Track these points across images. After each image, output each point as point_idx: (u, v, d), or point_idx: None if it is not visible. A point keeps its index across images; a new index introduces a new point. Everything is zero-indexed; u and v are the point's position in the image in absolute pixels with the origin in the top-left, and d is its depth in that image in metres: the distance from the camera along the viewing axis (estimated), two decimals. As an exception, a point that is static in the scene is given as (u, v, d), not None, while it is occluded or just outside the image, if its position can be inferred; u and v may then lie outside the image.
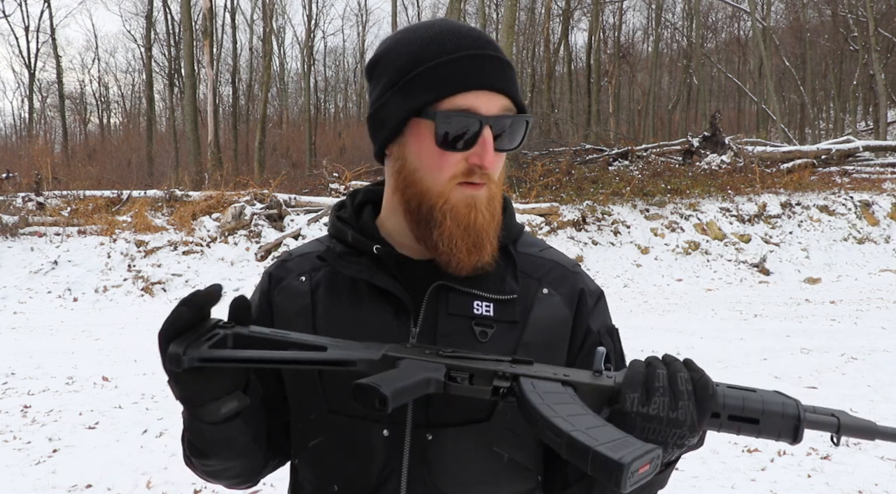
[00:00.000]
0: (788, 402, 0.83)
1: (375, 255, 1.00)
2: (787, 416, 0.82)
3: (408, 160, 0.97)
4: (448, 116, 0.92)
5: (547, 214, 14.50)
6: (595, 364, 0.86)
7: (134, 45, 40.70)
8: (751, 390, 0.85)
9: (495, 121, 0.93)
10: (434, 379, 0.85)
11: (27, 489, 3.88)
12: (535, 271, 1.04)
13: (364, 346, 0.90)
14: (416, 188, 0.96)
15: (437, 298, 0.99)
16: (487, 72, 0.94)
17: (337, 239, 1.05)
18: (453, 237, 0.94)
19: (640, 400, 0.82)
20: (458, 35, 0.96)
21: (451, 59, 0.94)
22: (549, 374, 0.85)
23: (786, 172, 17.22)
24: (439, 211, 0.95)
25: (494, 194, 0.97)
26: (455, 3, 18.78)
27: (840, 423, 0.83)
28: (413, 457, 0.95)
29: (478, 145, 0.92)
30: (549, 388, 0.83)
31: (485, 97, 0.93)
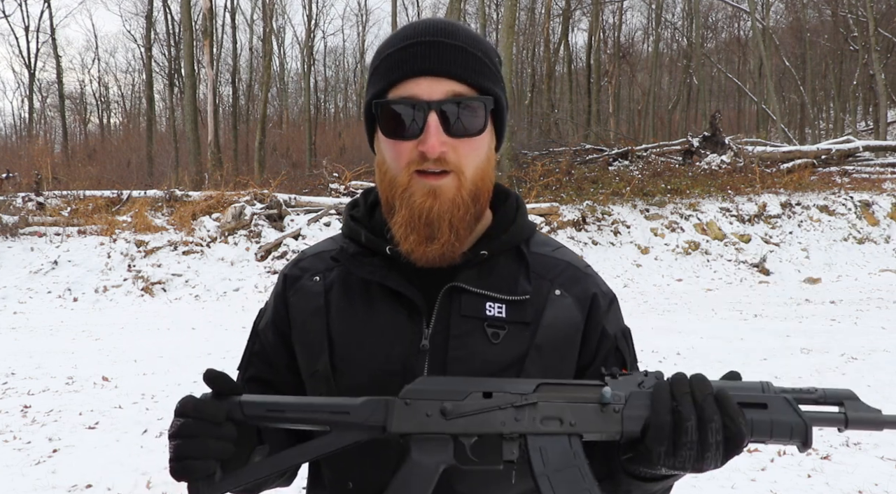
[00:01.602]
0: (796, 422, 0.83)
1: (388, 256, 1.00)
2: (795, 436, 0.83)
3: (380, 153, 0.99)
4: (389, 106, 0.93)
5: (547, 214, 14.50)
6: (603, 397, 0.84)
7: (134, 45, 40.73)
8: (761, 405, 0.83)
9: (441, 105, 0.91)
10: (441, 466, 0.85)
11: (27, 489, 3.88)
12: (548, 272, 1.04)
13: (364, 411, 0.87)
14: (386, 180, 0.97)
15: (450, 299, 0.98)
16: (428, 58, 0.92)
17: (350, 239, 1.05)
18: (404, 225, 0.94)
19: (666, 453, 0.81)
20: (414, 26, 0.96)
21: (397, 49, 0.94)
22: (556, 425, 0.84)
23: (786, 172, 17.21)
24: (398, 199, 0.95)
25: (465, 184, 0.94)
26: (455, 3, 18.78)
27: (847, 420, 0.83)
28: None
29: (423, 132, 0.91)
30: (556, 451, 0.83)
31: (427, 83, 0.92)
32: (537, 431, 0.84)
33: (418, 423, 0.84)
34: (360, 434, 0.86)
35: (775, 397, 0.84)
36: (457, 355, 0.96)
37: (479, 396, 0.85)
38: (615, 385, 0.85)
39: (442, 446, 0.84)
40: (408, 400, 0.85)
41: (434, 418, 0.84)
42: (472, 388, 0.86)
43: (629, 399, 0.84)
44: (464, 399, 0.85)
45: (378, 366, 0.97)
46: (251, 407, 0.87)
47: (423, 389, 0.86)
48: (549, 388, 0.86)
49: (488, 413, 0.84)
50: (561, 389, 0.86)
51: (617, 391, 0.85)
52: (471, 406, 0.84)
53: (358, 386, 0.98)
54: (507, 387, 0.86)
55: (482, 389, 0.85)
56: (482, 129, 0.95)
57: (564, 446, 0.83)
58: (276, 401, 0.88)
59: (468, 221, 0.96)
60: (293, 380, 1.07)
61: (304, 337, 1.04)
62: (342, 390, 0.99)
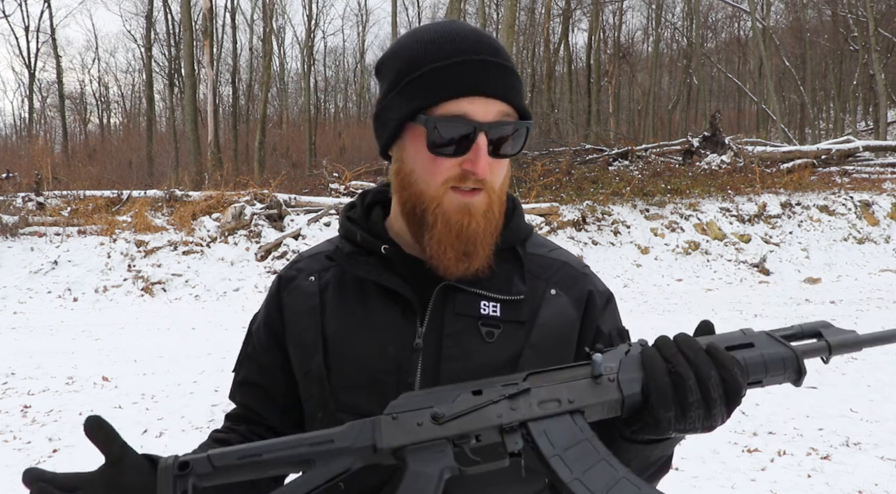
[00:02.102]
0: (787, 354, 0.83)
1: (384, 255, 1.00)
2: (788, 368, 0.83)
3: (405, 162, 0.97)
4: (440, 122, 0.91)
5: (547, 214, 14.50)
6: (594, 370, 0.83)
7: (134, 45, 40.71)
8: (748, 345, 0.84)
9: (491, 127, 0.91)
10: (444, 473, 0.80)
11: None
12: (543, 272, 1.04)
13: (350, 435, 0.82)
14: (412, 190, 0.96)
15: (444, 298, 0.99)
16: (484, 78, 0.92)
17: (346, 239, 1.06)
18: (443, 242, 0.94)
19: (676, 418, 0.80)
20: (457, 39, 0.95)
21: (447, 64, 0.92)
22: (555, 406, 0.82)
23: (786, 172, 17.21)
24: (431, 214, 0.94)
25: (493, 202, 0.95)
26: (455, 3, 18.78)
27: (830, 346, 0.85)
28: None
29: (471, 152, 0.91)
30: (561, 430, 0.81)
31: (480, 103, 0.92)
32: (537, 415, 0.81)
33: (410, 434, 0.80)
34: (349, 461, 0.81)
35: (759, 335, 0.84)
36: (450, 353, 0.96)
37: (469, 395, 0.82)
38: (602, 359, 0.84)
39: (440, 452, 0.80)
40: (394, 414, 0.82)
41: (426, 426, 0.81)
42: (459, 390, 0.83)
43: (621, 366, 0.83)
44: (454, 401, 0.82)
45: (372, 365, 0.97)
46: (219, 460, 0.79)
47: (409, 402, 0.83)
48: (539, 375, 0.84)
49: (482, 409, 0.81)
50: (551, 374, 0.84)
51: (607, 362, 0.84)
52: (462, 405, 0.81)
53: (351, 385, 0.98)
54: (495, 381, 0.84)
55: (470, 387, 0.83)
56: (520, 151, 0.97)
57: (569, 423, 0.81)
58: (245, 449, 0.80)
59: (494, 234, 0.98)
60: (285, 383, 1.07)
61: (298, 338, 1.04)
62: (336, 389, 0.99)
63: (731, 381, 0.80)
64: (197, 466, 0.79)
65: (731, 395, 0.81)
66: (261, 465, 0.80)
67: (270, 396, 1.08)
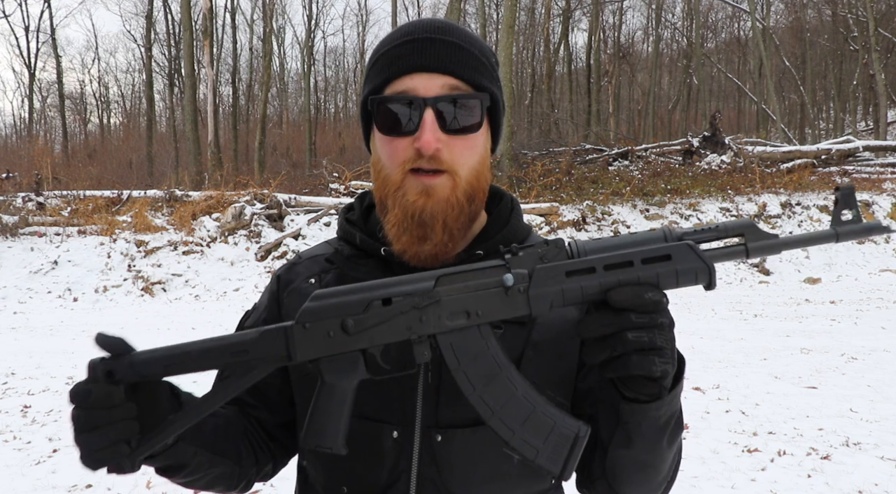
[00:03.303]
0: (700, 267, 0.83)
1: (383, 257, 1.00)
2: (700, 279, 0.83)
3: (375, 152, 0.98)
4: (383, 102, 0.92)
5: (547, 214, 14.50)
6: (505, 282, 0.81)
7: (134, 45, 40.75)
8: (665, 257, 0.82)
9: (436, 101, 0.90)
10: (355, 382, 0.83)
11: (27, 489, 3.88)
12: None
13: (264, 345, 0.83)
14: (381, 178, 0.96)
15: None
16: (424, 54, 0.92)
17: (345, 241, 1.06)
18: (397, 225, 0.93)
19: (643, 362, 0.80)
20: (412, 26, 0.96)
21: (392, 47, 0.94)
22: (464, 318, 0.81)
23: (786, 172, 17.21)
24: (391, 198, 0.94)
25: (458, 185, 0.92)
26: (455, 3, 18.77)
27: (747, 250, 0.84)
28: (422, 459, 0.95)
29: (419, 128, 0.90)
30: (467, 344, 0.82)
31: (422, 78, 0.91)
32: (445, 329, 0.81)
33: (322, 346, 0.81)
34: (266, 369, 0.83)
35: (679, 246, 0.83)
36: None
37: (379, 304, 0.81)
38: (516, 262, 0.82)
39: (352, 363, 0.82)
40: (306, 323, 0.82)
41: (337, 337, 0.81)
42: (369, 296, 0.82)
43: (533, 276, 0.81)
44: (364, 311, 0.81)
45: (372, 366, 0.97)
46: (143, 366, 0.82)
47: (320, 307, 0.82)
48: (450, 279, 0.82)
49: (391, 321, 0.81)
50: (462, 277, 0.83)
51: (519, 268, 0.81)
52: (372, 317, 0.81)
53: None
54: (406, 288, 0.82)
55: (380, 295, 0.82)
56: (478, 126, 0.93)
57: (475, 337, 0.82)
58: (166, 353, 0.83)
59: (462, 222, 0.95)
60: (280, 379, 1.06)
61: None
62: None
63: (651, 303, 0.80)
64: (122, 372, 0.82)
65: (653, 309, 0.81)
66: (182, 371, 0.83)
67: (264, 394, 1.07)
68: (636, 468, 0.91)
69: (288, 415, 1.08)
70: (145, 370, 0.83)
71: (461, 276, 0.82)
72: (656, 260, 0.82)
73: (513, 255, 0.82)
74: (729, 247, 0.85)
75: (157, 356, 0.83)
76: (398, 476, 0.95)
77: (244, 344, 0.83)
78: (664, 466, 0.93)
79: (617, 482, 0.93)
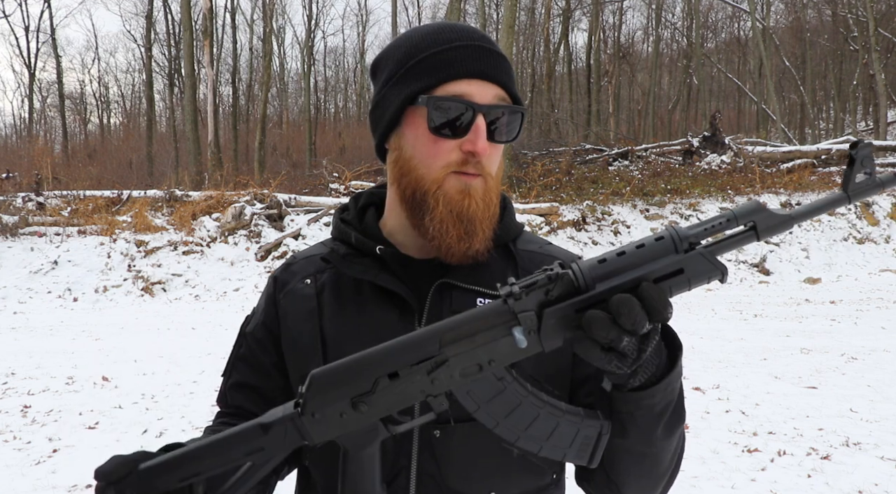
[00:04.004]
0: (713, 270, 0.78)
1: (379, 256, 1.00)
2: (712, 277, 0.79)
3: (404, 149, 0.98)
4: (440, 102, 0.93)
5: (547, 214, 14.50)
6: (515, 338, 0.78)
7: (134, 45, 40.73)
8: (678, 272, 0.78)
9: (489, 109, 0.93)
10: (379, 442, 0.82)
11: (27, 489, 3.88)
12: (536, 267, 1.04)
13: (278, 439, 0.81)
14: (412, 176, 0.97)
15: (441, 296, 0.99)
16: (481, 61, 0.94)
17: (340, 240, 1.06)
18: (444, 222, 0.95)
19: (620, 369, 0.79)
20: (455, 28, 0.98)
21: (446, 48, 0.95)
22: (476, 371, 0.79)
23: (786, 172, 17.21)
24: (432, 196, 0.95)
25: (491, 187, 0.97)
26: (455, 3, 18.77)
27: (758, 232, 0.80)
28: (421, 454, 0.95)
29: (471, 132, 0.92)
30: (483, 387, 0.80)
31: (478, 85, 0.94)
32: (458, 385, 0.80)
33: (337, 427, 0.80)
34: (283, 455, 0.83)
35: (691, 257, 0.78)
36: None
37: (387, 381, 0.79)
38: (520, 305, 0.77)
39: (372, 431, 0.81)
40: (314, 413, 0.80)
41: (350, 416, 0.80)
42: (374, 373, 0.79)
43: (542, 318, 0.78)
44: (373, 389, 0.79)
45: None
46: (158, 478, 0.79)
47: (325, 394, 0.80)
48: (454, 335, 0.79)
49: (403, 391, 0.79)
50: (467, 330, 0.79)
51: (525, 310, 0.77)
52: (383, 394, 0.79)
53: None
54: (410, 356, 0.79)
55: (386, 371, 0.79)
56: (515, 138, 0.98)
57: (491, 380, 0.81)
58: (176, 458, 0.80)
59: (493, 220, 0.99)
60: (282, 382, 1.06)
61: (295, 341, 1.04)
62: None
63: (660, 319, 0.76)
64: (132, 491, 0.79)
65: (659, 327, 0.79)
66: (195, 475, 0.81)
67: (265, 396, 1.07)
68: (633, 459, 0.89)
69: None
70: (159, 483, 0.80)
71: (466, 329, 0.79)
72: (668, 277, 0.78)
73: (516, 300, 0.78)
74: (739, 235, 0.81)
75: (168, 465, 0.81)
76: (398, 472, 0.96)
77: (257, 440, 0.81)
78: (663, 457, 0.91)
79: (615, 472, 0.92)
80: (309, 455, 1.05)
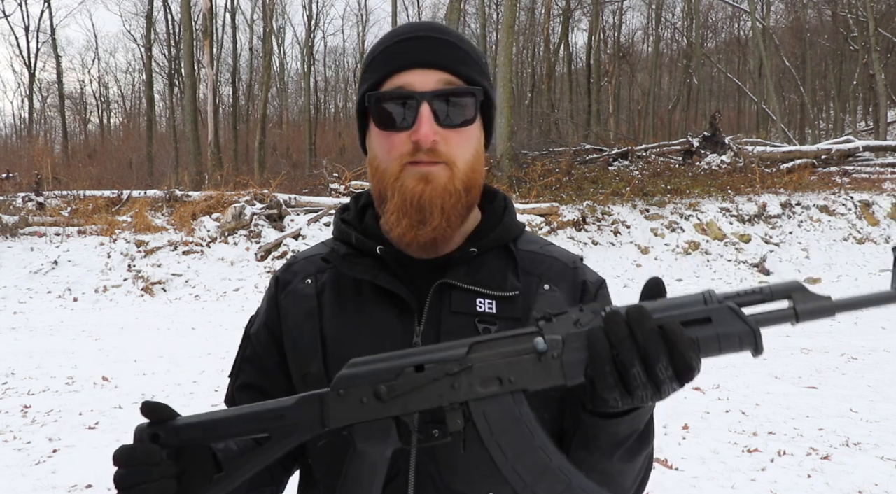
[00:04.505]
0: (744, 330, 0.77)
1: (379, 256, 1.01)
2: (745, 344, 0.78)
3: (371, 149, 1.00)
4: (381, 97, 0.94)
5: (547, 214, 14.50)
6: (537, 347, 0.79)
7: (134, 45, 40.73)
8: (705, 320, 0.78)
9: (432, 96, 0.93)
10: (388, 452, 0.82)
11: (27, 489, 3.88)
12: (536, 268, 1.04)
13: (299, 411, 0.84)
14: (378, 173, 0.98)
15: (441, 297, 0.99)
16: (420, 50, 0.95)
17: (341, 241, 1.06)
18: (397, 211, 0.95)
19: (621, 396, 0.77)
20: (408, 25, 1.00)
21: (390, 44, 0.97)
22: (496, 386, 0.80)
23: (786, 172, 17.21)
24: (391, 188, 0.96)
25: (455, 176, 0.95)
26: (455, 3, 18.77)
27: (797, 313, 0.78)
28: (420, 455, 0.95)
29: (416, 122, 0.92)
30: (499, 413, 0.80)
31: (420, 74, 0.94)
32: (477, 396, 0.80)
33: (355, 413, 0.81)
34: (301, 435, 0.84)
35: (719, 308, 0.78)
36: None
37: (412, 371, 0.81)
38: (550, 328, 0.80)
39: (385, 430, 0.82)
40: (340, 390, 0.82)
41: (370, 404, 0.81)
42: (403, 363, 0.82)
43: (566, 342, 0.79)
44: (396, 377, 0.81)
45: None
46: (186, 431, 0.85)
47: (355, 374, 0.82)
48: (484, 346, 0.81)
49: (424, 388, 0.80)
50: (495, 345, 0.81)
51: (553, 335, 0.79)
52: (405, 384, 0.81)
53: None
54: (439, 355, 0.81)
55: (413, 362, 0.81)
56: (472, 120, 0.97)
57: (508, 405, 0.80)
58: (209, 419, 0.85)
59: (460, 209, 0.97)
60: (287, 382, 1.07)
61: (296, 341, 1.04)
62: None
63: (682, 365, 0.75)
64: (166, 436, 0.85)
65: (683, 376, 0.76)
66: (222, 436, 0.86)
67: (271, 397, 1.07)
68: (596, 474, 0.89)
69: None
70: (187, 434, 0.85)
71: (494, 343, 0.81)
72: (695, 323, 0.77)
73: (546, 322, 0.80)
74: (776, 312, 0.79)
75: (198, 422, 0.86)
76: (396, 473, 0.96)
77: (281, 409, 0.85)
78: (623, 480, 0.92)
79: None
80: (313, 454, 1.06)
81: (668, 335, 0.75)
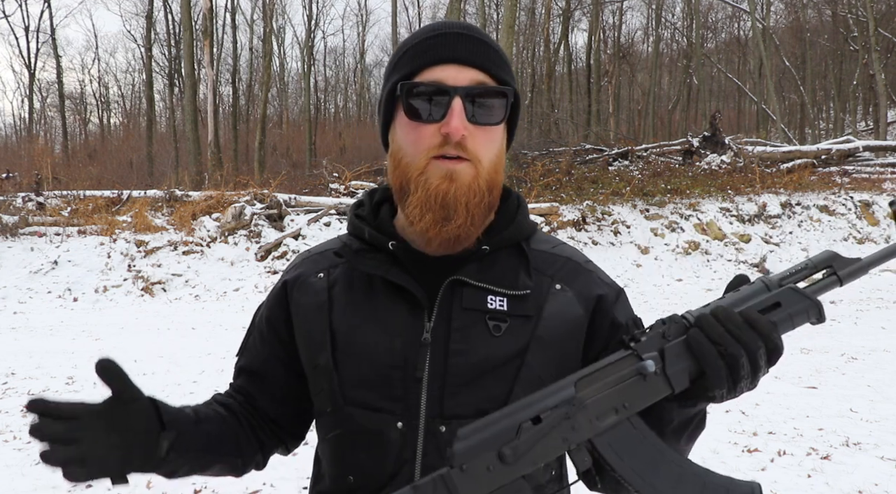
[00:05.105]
0: (810, 305, 0.87)
1: (392, 252, 1.01)
2: (811, 316, 0.87)
3: (395, 141, 1.00)
4: (414, 88, 0.95)
5: (547, 214, 14.50)
6: (645, 370, 0.82)
7: (134, 45, 40.72)
8: (776, 305, 0.86)
9: (465, 91, 0.94)
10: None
11: (27, 489, 3.88)
12: (548, 268, 1.05)
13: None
14: (401, 166, 0.98)
15: (452, 293, 0.99)
16: (457, 46, 0.96)
17: (354, 235, 1.07)
18: (421, 206, 0.95)
19: (728, 391, 0.82)
20: (440, 23, 1.00)
21: (424, 39, 0.98)
22: (613, 416, 0.81)
23: (786, 172, 17.21)
24: (414, 182, 0.96)
25: (480, 174, 0.95)
26: (455, 3, 18.77)
27: (840, 278, 0.89)
28: (427, 449, 0.96)
29: (447, 115, 0.93)
30: (624, 439, 0.82)
31: (454, 70, 0.95)
32: (599, 431, 0.81)
33: (484, 483, 0.79)
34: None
35: (784, 291, 0.87)
36: (458, 348, 0.97)
37: (530, 425, 0.80)
38: (642, 347, 0.83)
39: (518, 491, 0.80)
40: (463, 465, 0.79)
41: (497, 469, 0.79)
42: (517, 419, 0.80)
43: (665, 355, 0.83)
44: (517, 435, 0.79)
45: (379, 360, 0.98)
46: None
47: (472, 444, 0.79)
48: (587, 381, 0.83)
49: (546, 438, 0.80)
50: (599, 376, 0.83)
51: (648, 352, 0.83)
52: (527, 440, 0.79)
53: (359, 380, 0.99)
54: (550, 401, 0.81)
55: (528, 416, 0.80)
56: (500, 120, 0.98)
57: (628, 429, 0.82)
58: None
59: (483, 207, 0.97)
60: (284, 375, 1.10)
61: (307, 333, 1.05)
62: (344, 384, 1.00)
63: (773, 348, 0.83)
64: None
65: (774, 359, 0.84)
66: None
67: (268, 385, 1.11)
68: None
69: (290, 407, 1.11)
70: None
71: (597, 375, 0.83)
72: (769, 310, 0.86)
73: (636, 342, 0.84)
74: (823, 281, 0.89)
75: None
76: (402, 466, 0.96)
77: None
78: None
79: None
80: (320, 445, 1.08)
81: (755, 325, 0.83)
